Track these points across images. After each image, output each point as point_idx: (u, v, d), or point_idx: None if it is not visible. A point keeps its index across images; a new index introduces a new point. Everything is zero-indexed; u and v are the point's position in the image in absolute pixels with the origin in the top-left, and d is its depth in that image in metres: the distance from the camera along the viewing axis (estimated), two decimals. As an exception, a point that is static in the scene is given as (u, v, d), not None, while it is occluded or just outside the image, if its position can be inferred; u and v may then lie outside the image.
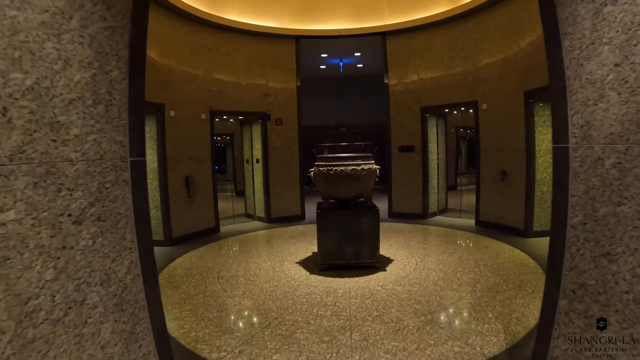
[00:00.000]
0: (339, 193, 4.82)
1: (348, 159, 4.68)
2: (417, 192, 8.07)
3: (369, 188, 4.87)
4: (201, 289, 4.37)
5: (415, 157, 8.04)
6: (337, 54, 9.63)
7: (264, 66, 8.01)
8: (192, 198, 7.05)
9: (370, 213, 4.76)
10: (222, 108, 7.58)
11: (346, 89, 12.14)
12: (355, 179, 4.60)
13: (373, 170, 4.74)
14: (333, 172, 4.62)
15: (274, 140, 8.23)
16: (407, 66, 7.98)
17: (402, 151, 8.15)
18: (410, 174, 8.12)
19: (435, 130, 8.24)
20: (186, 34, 6.85)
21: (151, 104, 6.19)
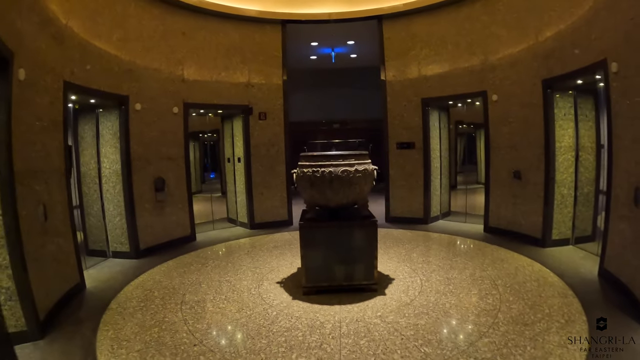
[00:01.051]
0: (327, 200, 3.96)
1: (339, 158, 3.85)
2: (418, 194, 7.27)
3: (364, 193, 4.06)
4: (159, 319, 3.55)
5: (415, 155, 7.23)
6: (329, 43, 8.78)
7: (246, 54, 7.17)
8: (163, 203, 6.24)
9: (366, 224, 3.95)
10: (198, 101, 6.71)
11: (339, 82, 11.31)
12: (348, 182, 3.77)
13: (369, 172, 3.94)
14: (320, 175, 3.78)
15: (257, 136, 7.39)
16: (406, 53, 7.16)
17: (400, 148, 7.35)
18: (409, 174, 7.33)
19: (438, 124, 7.43)
20: (156, 17, 5.99)
21: (112, 96, 5.33)
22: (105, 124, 5.62)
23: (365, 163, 3.95)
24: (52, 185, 4.03)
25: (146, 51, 5.88)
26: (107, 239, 5.75)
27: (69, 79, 4.42)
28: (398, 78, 7.30)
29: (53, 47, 4.12)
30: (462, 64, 6.59)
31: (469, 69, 6.49)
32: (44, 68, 3.92)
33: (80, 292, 4.36)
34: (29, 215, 3.48)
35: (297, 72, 11.46)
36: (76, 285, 4.33)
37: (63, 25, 4.33)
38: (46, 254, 3.76)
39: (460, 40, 6.60)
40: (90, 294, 4.34)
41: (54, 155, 4.13)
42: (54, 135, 4.12)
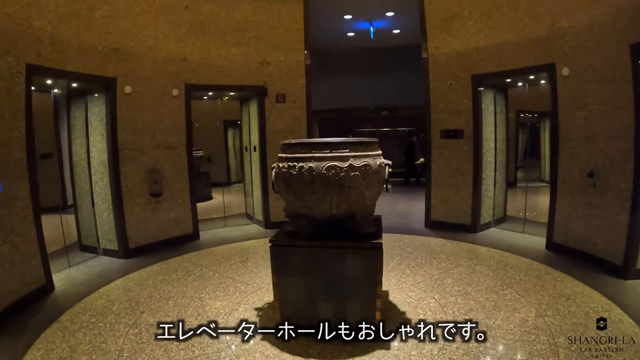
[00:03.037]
0: (309, 209, 2.96)
1: (325, 148, 2.80)
2: (465, 195, 5.99)
3: (366, 200, 2.94)
4: (95, 344, 3.00)
5: (464, 146, 5.93)
6: (365, 15, 7.76)
7: (261, 28, 6.32)
8: (159, 197, 5.75)
9: (365, 249, 2.87)
10: (203, 82, 6.01)
11: (386, 64, 10.09)
12: (336, 184, 2.74)
13: (374, 170, 2.85)
14: (296, 172, 2.80)
15: (275, 122, 6.56)
16: (451, 20, 5.87)
17: (445, 137, 6.09)
18: (456, 169, 6.05)
19: (493, 108, 6.06)
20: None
21: (93, 78, 4.78)
22: (93, 110, 5.13)
23: (368, 156, 2.87)
24: (6, 179, 3.64)
25: (139, 28, 5.25)
26: (97, 236, 5.36)
27: (33, 62, 3.95)
28: (442, 50, 6.00)
29: (10, 29, 3.69)
30: (521, 30, 5.17)
31: (530, 36, 5.06)
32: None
33: (45, 296, 4.03)
34: None
35: (335, 53, 10.60)
36: (40, 287, 4.02)
37: (25, 3, 3.83)
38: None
39: (519, 0, 5.24)
40: (53, 299, 4.00)
41: (11, 147, 3.73)
42: (12, 124, 3.72)
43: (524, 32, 5.15)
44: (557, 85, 4.77)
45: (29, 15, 3.92)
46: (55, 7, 4.23)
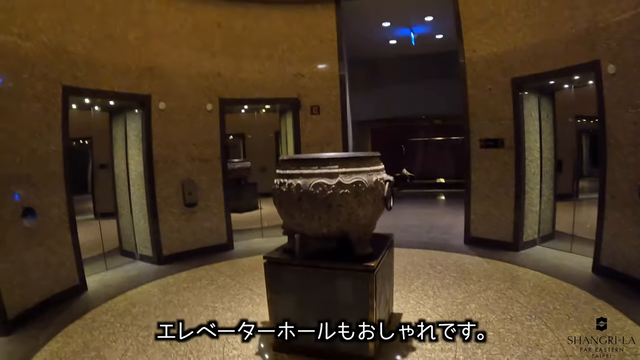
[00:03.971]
0: (300, 227, 2.92)
1: (313, 164, 2.73)
2: (507, 210, 5.51)
3: (360, 220, 2.80)
4: (105, 343, 3.32)
5: (505, 156, 5.48)
6: (403, 22, 7.62)
7: (294, 40, 6.40)
8: (193, 207, 6.02)
9: (355, 271, 2.72)
10: (236, 95, 6.19)
11: (434, 70, 9.81)
12: (324, 203, 2.65)
13: (369, 187, 2.73)
14: (286, 189, 2.78)
15: (309, 133, 6.55)
16: (487, 19, 5.50)
17: (485, 147, 5.67)
18: (496, 181, 5.61)
19: (537, 114, 5.54)
20: (184, 10, 5.66)
21: (130, 96, 5.16)
22: (131, 125, 5.50)
23: (361, 172, 2.74)
24: (43, 189, 4.08)
25: (172, 47, 5.57)
26: (135, 242, 5.74)
27: (69, 83, 4.35)
28: (480, 53, 5.62)
29: (45, 55, 4.10)
30: (562, 25, 4.69)
31: (572, 31, 4.57)
32: (32, 76, 3.96)
33: (77, 295, 4.42)
34: (3, 220, 3.62)
35: (382, 61, 10.49)
36: (73, 287, 4.42)
37: (59, 31, 4.26)
38: (29, 257, 3.89)
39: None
40: (83, 298, 4.37)
41: (49, 161, 4.16)
42: (49, 139, 4.15)
43: (565, 27, 4.66)
44: (602, 85, 4.28)
45: (64, 41, 4.31)
46: (89, 33, 4.61)
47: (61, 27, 4.31)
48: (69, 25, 4.41)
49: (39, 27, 4.06)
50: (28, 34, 3.94)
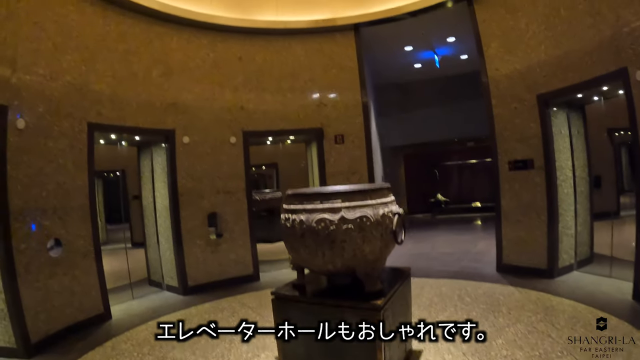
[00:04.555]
0: (306, 262, 2.89)
1: (315, 199, 2.69)
2: (540, 234, 5.20)
3: (364, 255, 2.68)
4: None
5: (535, 177, 5.22)
6: (425, 44, 7.62)
7: (315, 70, 6.52)
8: (218, 239, 6.07)
9: (360, 309, 2.59)
10: (260, 128, 6.34)
11: (463, 92, 9.63)
12: (327, 239, 2.60)
13: (375, 222, 2.63)
14: (290, 225, 2.77)
15: (334, 163, 6.57)
16: (508, 35, 5.40)
17: (514, 168, 5.41)
18: (527, 205, 5.32)
19: (567, 131, 5.28)
20: (206, 46, 5.94)
21: (154, 131, 5.43)
22: (157, 159, 5.74)
23: (366, 206, 2.64)
24: (70, 222, 4.34)
25: (195, 82, 5.81)
26: (162, 272, 5.90)
27: (94, 120, 4.64)
28: (503, 71, 5.47)
29: (70, 94, 4.42)
30: (584, 33, 4.50)
31: (595, 39, 4.37)
32: (58, 114, 4.27)
33: (101, 323, 4.63)
34: (30, 249, 3.90)
35: (407, 86, 10.48)
36: (98, 315, 4.62)
37: (83, 71, 4.58)
38: (54, 285, 4.12)
39: (577, 0, 4.58)
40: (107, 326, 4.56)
41: (75, 194, 4.42)
42: (75, 174, 4.42)
43: (587, 35, 4.47)
44: (632, 93, 4.04)
45: (88, 80, 4.61)
46: (112, 72, 4.89)
47: (85, 67, 4.64)
48: (92, 65, 4.73)
49: (63, 68, 4.38)
50: (53, 74, 4.26)
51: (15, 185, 3.78)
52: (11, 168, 3.74)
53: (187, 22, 5.74)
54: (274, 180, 10.31)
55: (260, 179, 10.43)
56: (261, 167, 10.20)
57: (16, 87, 3.87)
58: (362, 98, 6.65)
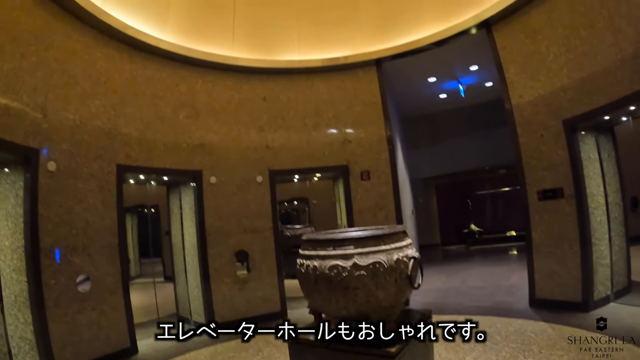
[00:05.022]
0: (321, 308, 2.93)
1: (328, 245, 2.74)
2: (573, 266, 5.01)
3: (378, 302, 2.69)
4: None
5: (565, 207, 5.07)
6: (449, 74, 7.70)
7: (338, 107, 6.72)
8: (246, 277, 6.22)
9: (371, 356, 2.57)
10: (286, 166, 6.53)
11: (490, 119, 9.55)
12: (339, 285, 2.63)
13: (389, 267, 2.64)
14: (304, 270, 2.84)
15: (361, 200, 6.63)
16: (529, 61, 5.41)
17: (543, 199, 5.29)
18: (559, 236, 5.15)
19: (597, 155, 5.15)
20: (231, 87, 6.28)
21: (182, 172, 5.73)
22: (185, 199, 6.00)
23: (380, 252, 2.66)
24: (98, 259, 4.61)
25: (221, 124, 6.13)
26: (190, 308, 6.08)
27: (123, 162, 4.96)
28: (526, 98, 5.45)
29: (99, 138, 4.75)
30: (606, 52, 4.44)
31: (617, 57, 4.30)
32: (87, 157, 4.60)
33: (127, 357, 4.87)
34: (59, 284, 4.18)
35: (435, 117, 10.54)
36: (124, 349, 4.85)
37: (112, 115, 4.93)
38: (82, 319, 4.39)
39: (595, 18, 4.55)
40: (132, 360, 4.70)
41: (104, 232, 4.70)
42: (104, 214, 4.71)
43: (610, 54, 4.41)
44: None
45: (117, 124, 4.97)
46: (141, 115, 5.26)
47: (114, 111, 5.03)
48: (121, 109, 5.12)
49: (92, 112, 4.76)
50: (83, 119, 4.63)
51: (46, 224, 4.09)
52: (42, 208, 4.06)
53: (211, 65, 6.11)
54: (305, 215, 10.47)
55: (292, 213, 10.62)
56: (293, 202, 10.40)
57: (47, 131, 4.24)
58: (386, 133, 6.74)
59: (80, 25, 4.74)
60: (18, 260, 3.92)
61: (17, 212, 3.95)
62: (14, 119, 3.88)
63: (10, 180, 4.01)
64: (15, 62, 3.96)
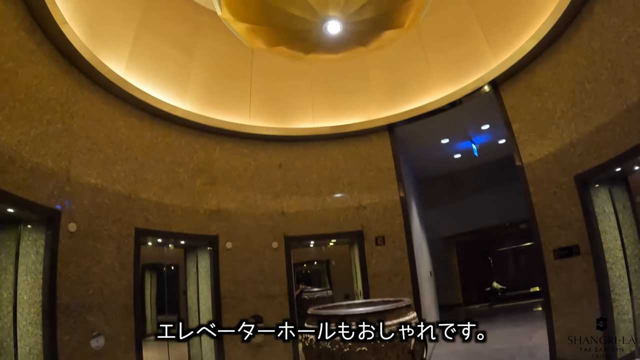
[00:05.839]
0: None
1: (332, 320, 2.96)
2: (594, 325, 4.75)
3: None
4: None
5: (582, 264, 5.09)
6: (461, 135, 8.12)
7: (352, 173, 7.22)
8: (260, 342, 6.34)
9: None
10: (301, 232, 6.93)
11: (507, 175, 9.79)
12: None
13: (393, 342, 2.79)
14: (308, 344, 3.09)
15: (376, 265, 6.87)
16: (538, 118, 5.71)
17: (560, 257, 5.33)
18: (578, 294, 5.13)
19: (611, 208, 5.19)
20: (247, 155, 6.92)
21: (198, 237, 6.21)
22: (201, 263, 6.44)
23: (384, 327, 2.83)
24: (113, 318, 4.90)
25: (237, 190, 6.68)
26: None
27: (141, 226, 5.44)
28: (537, 156, 5.71)
29: (119, 201, 5.24)
30: (612, 104, 4.67)
31: (623, 108, 4.51)
32: (107, 219, 5.05)
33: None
34: (73, 341, 4.40)
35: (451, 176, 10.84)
36: None
37: (132, 180, 5.49)
38: None
39: (598, 70, 4.83)
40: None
41: (120, 293, 5.05)
42: (121, 275, 5.10)
43: (615, 106, 4.62)
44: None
45: (137, 189, 5.51)
46: (160, 181, 5.83)
47: (134, 177, 5.57)
48: (141, 175, 5.67)
49: (113, 177, 5.28)
50: (104, 183, 5.13)
51: (64, 282, 4.45)
52: (61, 266, 4.43)
53: (229, 133, 6.79)
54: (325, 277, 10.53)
55: (312, 275, 10.71)
56: (312, 263, 10.54)
57: (70, 194, 4.71)
58: (400, 198, 7.08)
59: (104, 94, 5.37)
60: (35, 314, 4.24)
61: (37, 268, 4.33)
62: (38, 181, 4.27)
63: (32, 237, 4.43)
64: (42, 128, 4.39)
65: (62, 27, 4.35)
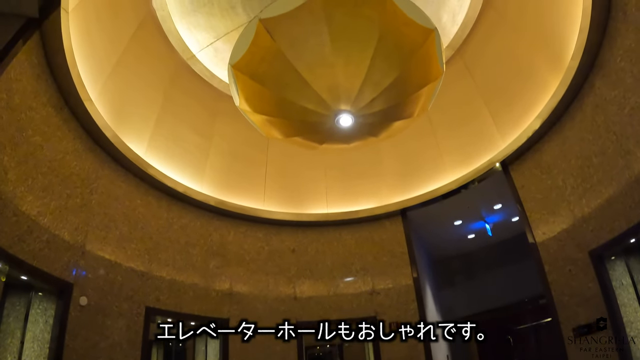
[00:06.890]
0: None
1: None
2: None
3: None
4: None
5: (602, 339, 5.08)
6: (474, 216, 8.49)
7: (366, 258, 7.59)
8: None
9: None
10: (313, 318, 7.12)
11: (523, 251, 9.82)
12: None
13: None
14: None
15: (389, 352, 6.92)
16: (549, 196, 6.09)
17: (579, 335, 5.37)
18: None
19: (629, 279, 5.27)
20: (261, 239, 7.40)
21: (209, 319, 6.32)
22: (211, 344, 6.59)
23: None
24: None
25: (250, 274, 7.07)
26: None
27: (152, 305, 5.77)
28: (550, 235, 6.03)
29: (132, 279, 5.59)
30: (620, 175, 4.99)
31: (631, 179, 4.82)
32: (118, 296, 5.39)
33: None
34: None
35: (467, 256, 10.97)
36: None
37: (146, 259, 5.89)
38: None
39: (604, 144, 5.22)
40: None
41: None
42: (128, 352, 5.32)
43: (624, 177, 4.97)
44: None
45: (150, 268, 5.91)
46: (173, 261, 6.26)
47: (148, 256, 6.01)
48: (155, 254, 6.10)
49: (127, 255, 5.70)
50: (118, 260, 5.53)
51: (70, 355, 4.63)
52: (69, 338, 4.64)
53: (243, 217, 7.35)
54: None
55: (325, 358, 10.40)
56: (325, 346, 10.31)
57: (84, 268, 5.08)
58: (414, 279, 7.35)
59: (124, 172, 5.94)
60: (38, 383, 4.43)
61: (45, 337, 4.56)
62: (54, 252, 4.59)
63: (43, 306, 4.71)
64: (62, 201, 4.76)
65: (87, 105, 4.85)
